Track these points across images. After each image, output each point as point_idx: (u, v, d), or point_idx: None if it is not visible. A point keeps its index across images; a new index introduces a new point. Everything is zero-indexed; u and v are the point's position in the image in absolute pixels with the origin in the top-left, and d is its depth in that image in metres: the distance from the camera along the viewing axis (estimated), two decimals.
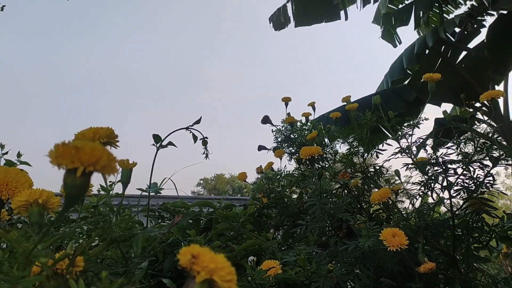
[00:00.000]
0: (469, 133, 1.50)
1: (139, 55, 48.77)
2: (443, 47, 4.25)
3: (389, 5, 5.33)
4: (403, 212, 1.68)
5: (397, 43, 5.45)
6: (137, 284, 0.95)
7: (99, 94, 47.16)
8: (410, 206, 1.61)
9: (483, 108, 3.91)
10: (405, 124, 1.51)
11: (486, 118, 4.04)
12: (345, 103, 1.86)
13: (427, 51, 4.60)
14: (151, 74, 48.24)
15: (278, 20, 5.16)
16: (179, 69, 49.50)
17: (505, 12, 4.03)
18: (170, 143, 1.10)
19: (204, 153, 1.22)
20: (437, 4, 4.43)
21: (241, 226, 1.52)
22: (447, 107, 5.45)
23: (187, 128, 1.15)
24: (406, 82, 4.79)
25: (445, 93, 4.07)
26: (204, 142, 1.21)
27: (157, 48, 49.02)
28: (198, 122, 1.16)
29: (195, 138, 1.17)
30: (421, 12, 4.05)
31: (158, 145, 1.09)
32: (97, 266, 0.70)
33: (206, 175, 32.15)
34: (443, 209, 1.80)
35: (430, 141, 1.62)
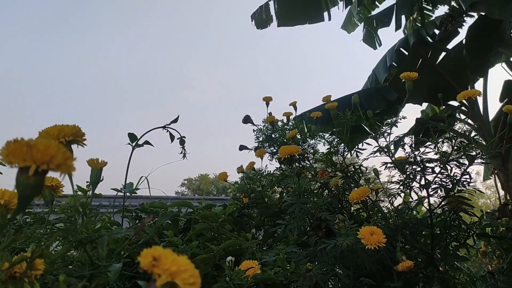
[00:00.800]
0: (449, 132, 1.52)
1: (124, 55, 48.21)
2: (423, 48, 4.29)
3: (358, 9, 5.39)
4: (383, 211, 1.69)
5: (377, 46, 5.50)
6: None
7: (85, 94, 46.44)
8: (389, 205, 1.62)
9: (462, 107, 3.97)
10: (384, 123, 1.51)
11: (463, 117, 4.10)
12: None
13: (407, 52, 4.66)
14: (135, 74, 47.73)
15: (260, 18, 5.13)
16: (163, 69, 49.07)
17: (484, 13, 4.10)
18: (147, 142, 1.08)
19: (181, 152, 1.20)
20: (419, 6, 4.48)
21: (220, 226, 1.50)
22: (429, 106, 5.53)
23: (164, 127, 1.12)
24: (388, 82, 4.85)
25: (426, 93, 4.11)
26: (182, 142, 1.18)
27: (141, 49, 48.51)
28: (175, 121, 1.14)
29: (172, 137, 1.15)
30: (402, 15, 4.10)
31: (134, 144, 1.06)
32: (62, 269, 0.67)
33: (190, 175, 32.03)
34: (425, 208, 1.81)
35: (409, 140, 1.62)
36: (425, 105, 5.16)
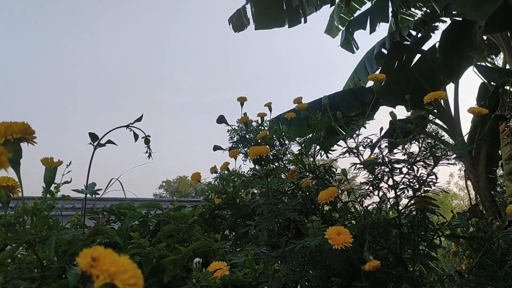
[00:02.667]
0: (417, 133, 1.54)
1: (99, 55, 47.39)
2: (399, 51, 4.37)
3: (342, 15, 5.48)
4: (353, 211, 1.70)
5: (355, 49, 5.60)
6: None
7: (58, 92, 45.43)
8: (358, 206, 1.63)
9: (435, 110, 4.05)
10: (355, 124, 1.53)
11: (432, 118, 4.19)
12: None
13: (384, 53, 4.76)
14: (111, 74, 47.00)
15: (238, 22, 5.14)
16: (140, 70, 48.43)
17: (459, 19, 4.21)
18: (109, 142, 1.05)
19: (146, 152, 1.18)
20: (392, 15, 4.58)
21: (189, 227, 1.48)
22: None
23: (127, 126, 1.10)
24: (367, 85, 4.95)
25: (400, 96, 4.18)
26: (146, 141, 1.16)
27: (117, 48, 47.83)
28: (139, 119, 1.11)
29: (136, 136, 1.12)
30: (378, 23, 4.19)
31: (95, 144, 1.03)
32: (12, 272, 0.65)
33: (169, 177, 31.76)
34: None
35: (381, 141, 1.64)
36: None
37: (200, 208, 1.57)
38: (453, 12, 4.26)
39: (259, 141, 2.03)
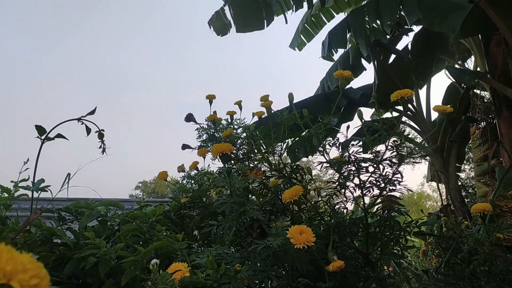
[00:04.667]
0: (382, 132, 1.53)
1: (81, 53, 46.43)
2: (375, 52, 4.39)
3: (307, 26, 5.53)
4: (322, 211, 1.68)
5: (334, 57, 5.67)
6: None
7: (36, 90, 44.26)
8: (325, 204, 1.61)
9: (408, 112, 4.08)
10: (321, 122, 1.50)
11: (401, 117, 4.23)
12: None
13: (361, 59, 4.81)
14: (88, 72, 46.09)
15: (219, 24, 5.06)
16: (117, 68, 47.68)
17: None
18: (59, 135, 0.99)
19: (100, 147, 1.12)
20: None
21: (150, 226, 1.42)
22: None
23: (79, 119, 1.04)
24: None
25: (377, 97, 4.20)
26: (100, 135, 1.10)
27: (96, 47, 46.97)
28: (92, 113, 1.06)
29: (88, 130, 1.07)
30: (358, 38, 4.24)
31: (43, 138, 0.97)
32: None
33: (146, 178, 31.35)
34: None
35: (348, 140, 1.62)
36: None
37: (162, 207, 1.52)
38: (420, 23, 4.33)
39: (228, 139, 1.99)
